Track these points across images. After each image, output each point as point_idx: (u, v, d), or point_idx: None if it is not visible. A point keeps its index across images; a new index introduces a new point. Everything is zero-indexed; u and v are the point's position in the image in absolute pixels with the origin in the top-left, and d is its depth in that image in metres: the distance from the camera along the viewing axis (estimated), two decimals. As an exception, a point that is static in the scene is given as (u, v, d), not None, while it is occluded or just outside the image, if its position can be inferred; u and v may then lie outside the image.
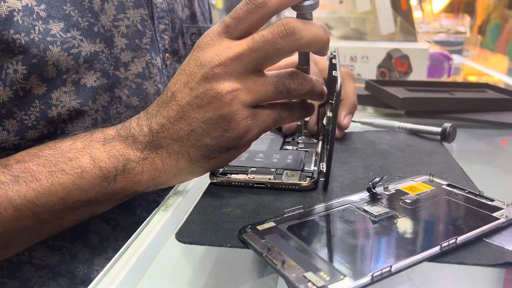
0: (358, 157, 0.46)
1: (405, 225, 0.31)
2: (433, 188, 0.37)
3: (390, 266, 0.25)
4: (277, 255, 0.26)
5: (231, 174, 0.39)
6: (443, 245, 0.27)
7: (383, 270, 0.24)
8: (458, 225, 0.31)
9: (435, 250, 0.27)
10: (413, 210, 0.33)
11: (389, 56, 0.93)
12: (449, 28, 1.57)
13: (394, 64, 0.92)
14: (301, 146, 0.47)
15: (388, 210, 0.32)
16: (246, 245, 0.28)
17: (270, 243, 0.28)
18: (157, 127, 0.35)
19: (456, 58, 1.22)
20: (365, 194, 0.35)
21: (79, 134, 0.37)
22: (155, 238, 0.33)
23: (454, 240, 0.28)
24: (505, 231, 0.30)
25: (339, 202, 0.34)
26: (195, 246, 0.30)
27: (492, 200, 0.34)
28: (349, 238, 0.29)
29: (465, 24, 1.60)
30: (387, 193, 0.36)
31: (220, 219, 0.32)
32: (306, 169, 0.40)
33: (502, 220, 0.31)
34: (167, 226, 0.35)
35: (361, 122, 0.60)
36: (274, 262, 0.25)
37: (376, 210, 0.32)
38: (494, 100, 0.70)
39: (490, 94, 0.74)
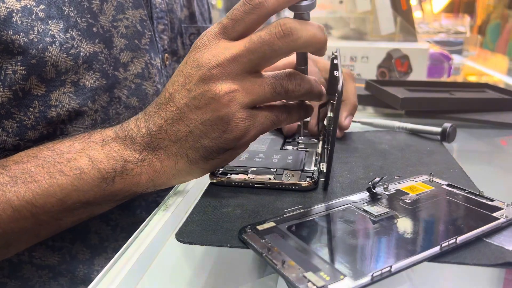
0: (358, 157, 0.46)
1: (405, 225, 0.31)
2: (433, 188, 0.37)
3: (390, 266, 0.25)
4: (277, 255, 0.26)
5: (231, 174, 0.39)
6: (443, 245, 0.27)
7: (383, 270, 0.24)
8: (458, 225, 0.31)
9: (435, 250, 0.27)
10: (413, 210, 0.33)
11: (389, 56, 0.93)
12: (449, 28, 1.57)
13: (394, 64, 0.92)
14: (301, 146, 0.47)
15: (388, 210, 0.32)
16: (246, 245, 0.28)
17: (270, 243, 0.28)
18: (155, 129, 0.34)
19: (456, 58, 1.22)
20: (365, 194, 0.35)
21: (78, 135, 0.37)
22: (155, 238, 0.33)
23: (454, 240, 0.28)
24: (505, 231, 0.30)
25: (339, 202, 0.34)
26: (195, 246, 0.30)
27: (492, 200, 0.34)
28: (349, 238, 0.29)
29: (465, 24, 1.60)
30: (387, 193, 0.36)
31: (220, 219, 0.32)
32: (306, 169, 0.40)
33: (502, 220, 0.31)
34: (167, 226, 0.35)
35: (361, 122, 0.60)
36: (274, 262, 0.25)
37: (376, 210, 0.32)
38: (494, 100, 0.70)
39: (490, 94, 0.74)
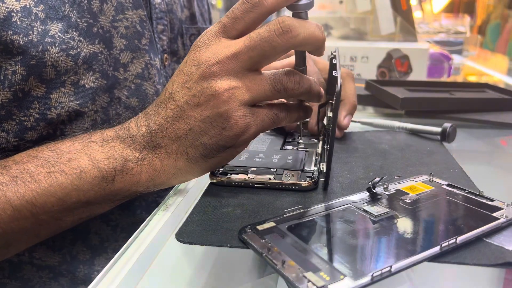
0: (358, 157, 0.46)
1: (405, 225, 0.31)
2: (433, 188, 0.37)
3: (390, 266, 0.25)
4: (277, 255, 0.26)
5: (231, 174, 0.39)
6: (443, 245, 0.27)
7: (383, 270, 0.24)
8: (458, 225, 0.31)
9: (435, 250, 0.27)
10: (413, 210, 0.33)
11: (389, 56, 0.93)
12: (449, 28, 1.57)
13: (394, 64, 0.92)
14: (301, 146, 0.47)
15: (388, 210, 0.32)
16: (246, 245, 0.28)
17: (270, 243, 0.28)
18: (155, 127, 0.35)
19: (456, 58, 1.22)
20: (365, 194, 0.35)
21: (78, 135, 0.37)
22: (155, 238, 0.33)
23: (454, 240, 0.28)
24: (505, 231, 0.30)
25: (339, 202, 0.34)
26: (195, 246, 0.30)
27: (492, 200, 0.34)
28: (349, 238, 0.29)
29: (465, 24, 1.60)
30: (387, 193, 0.36)
31: (220, 219, 0.32)
32: (306, 169, 0.40)
33: (502, 220, 0.31)
34: (167, 226, 0.35)
35: (361, 122, 0.60)
36: (274, 262, 0.25)
37: (376, 210, 0.32)
38: (494, 100, 0.70)
39: (490, 94, 0.74)
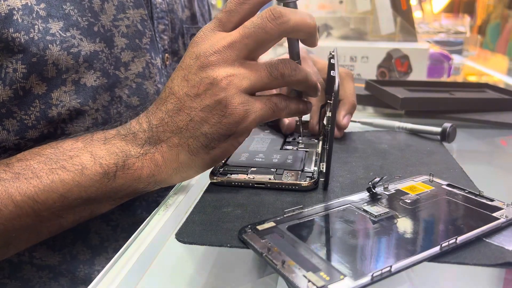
0: (358, 157, 0.46)
1: (405, 225, 0.31)
2: (433, 188, 0.37)
3: (390, 266, 0.25)
4: (277, 255, 0.26)
5: (231, 174, 0.39)
6: (443, 245, 0.27)
7: (383, 270, 0.24)
8: (458, 225, 0.31)
9: (435, 250, 0.27)
10: (413, 210, 0.33)
11: (389, 56, 0.93)
12: (449, 28, 1.57)
13: (394, 64, 0.92)
14: (301, 146, 0.47)
15: (388, 210, 0.32)
16: (246, 245, 0.28)
17: (270, 243, 0.28)
18: (156, 122, 0.35)
19: (456, 58, 1.22)
20: (365, 194, 0.35)
21: (81, 135, 0.38)
22: (155, 238, 0.33)
23: (454, 240, 0.28)
24: (505, 231, 0.30)
25: (339, 202, 0.34)
26: (195, 246, 0.30)
27: (492, 200, 0.34)
28: (349, 238, 0.29)
29: (465, 24, 1.60)
30: (387, 193, 0.36)
31: (220, 219, 0.32)
32: (306, 169, 0.40)
33: (502, 220, 0.31)
34: (167, 226, 0.35)
35: (361, 122, 0.60)
36: (274, 262, 0.25)
37: (376, 210, 0.32)
38: (494, 100, 0.70)
39: (490, 94, 0.74)
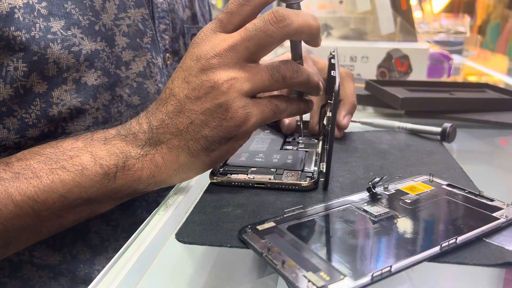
0: (358, 157, 0.46)
1: (405, 225, 0.31)
2: (433, 188, 0.37)
3: (390, 266, 0.25)
4: (277, 255, 0.26)
5: (231, 174, 0.39)
6: (443, 245, 0.27)
7: (383, 270, 0.24)
8: (458, 225, 0.31)
9: (435, 250, 0.27)
10: (413, 210, 0.33)
11: (389, 56, 0.93)
12: (449, 28, 1.57)
13: (394, 64, 0.92)
14: (301, 146, 0.47)
15: (388, 210, 0.32)
16: (246, 245, 0.28)
17: (270, 243, 0.28)
18: (156, 123, 0.35)
19: (456, 58, 1.22)
20: (365, 194, 0.35)
21: (81, 134, 0.38)
22: (155, 238, 0.33)
23: (454, 240, 0.28)
24: (505, 231, 0.30)
25: (339, 202, 0.34)
26: (195, 246, 0.30)
27: (492, 200, 0.34)
28: (349, 238, 0.29)
29: (465, 24, 1.60)
30: (387, 193, 0.36)
31: (220, 219, 0.32)
32: (306, 169, 0.40)
33: (502, 220, 0.31)
34: (167, 226, 0.35)
35: (361, 122, 0.60)
36: (274, 262, 0.26)
37: (376, 210, 0.32)
38: (494, 100, 0.70)
39: (490, 94, 0.74)
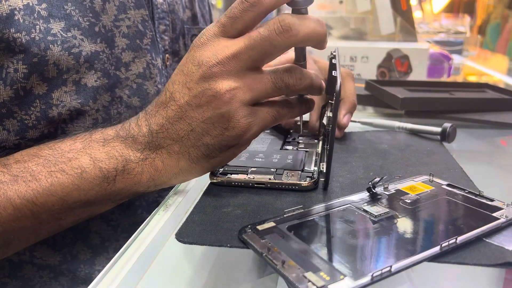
0: (358, 157, 0.46)
1: (405, 225, 0.31)
2: (433, 188, 0.37)
3: (390, 266, 0.25)
4: (277, 255, 0.26)
5: (231, 174, 0.39)
6: (443, 245, 0.27)
7: (383, 270, 0.24)
8: (458, 225, 0.31)
9: (435, 250, 0.27)
10: (413, 210, 0.33)
11: (389, 56, 0.93)
12: (449, 28, 1.57)
13: (394, 64, 0.92)
14: (301, 146, 0.47)
15: (388, 210, 0.32)
16: (246, 245, 0.28)
17: (270, 243, 0.28)
18: (156, 128, 0.35)
19: (456, 58, 1.22)
20: (365, 194, 0.35)
21: (79, 134, 0.37)
22: (155, 238, 0.33)
23: (454, 240, 0.28)
24: (505, 231, 0.30)
25: (339, 202, 0.34)
26: (195, 246, 0.30)
27: (492, 200, 0.34)
28: (349, 238, 0.29)
29: (465, 24, 1.60)
30: (387, 193, 0.36)
31: (220, 219, 0.32)
32: (306, 169, 0.40)
33: (502, 220, 0.31)
34: (167, 226, 0.35)
35: (361, 122, 0.60)
36: (274, 262, 0.26)
37: (376, 210, 0.32)
38: (494, 100, 0.70)
39: (490, 94, 0.74)
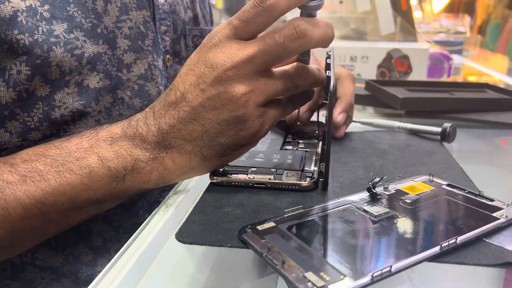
0: (358, 157, 0.46)
1: (405, 225, 0.31)
2: (433, 188, 0.37)
3: (390, 266, 0.25)
4: (277, 255, 0.26)
5: (231, 174, 0.39)
6: (443, 245, 0.27)
7: (383, 270, 0.24)
8: (458, 225, 0.31)
9: (435, 250, 0.27)
10: (413, 210, 0.33)
11: (389, 56, 0.93)
12: (449, 28, 1.57)
13: (394, 64, 0.92)
14: (301, 146, 0.47)
15: (388, 210, 0.32)
16: (246, 245, 0.28)
17: (270, 243, 0.28)
18: (166, 128, 0.35)
19: (456, 58, 1.22)
20: (365, 194, 0.35)
21: (84, 132, 0.37)
22: (155, 238, 0.33)
23: (454, 240, 0.28)
24: (505, 231, 0.30)
25: (339, 202, 0.34)
26: (195, 246, 0.30)
27: (492, 200, 0.34)
28: (349, 238, 0.29)
29: (465, 24, 1.60)
30: (387, 193, 0.36)
31: (220, 219, 0.32)
32: (306, 169, 0.40)
33: (502, 220, 0.31)
34: (167, 226, 0.35)
35: (361, 122, 0.60)
36: (274, 262, 0.26)
37: (376, 210, 0.32)
38: (494, 100, 0.70)
39: (490, 94, 0.74)
